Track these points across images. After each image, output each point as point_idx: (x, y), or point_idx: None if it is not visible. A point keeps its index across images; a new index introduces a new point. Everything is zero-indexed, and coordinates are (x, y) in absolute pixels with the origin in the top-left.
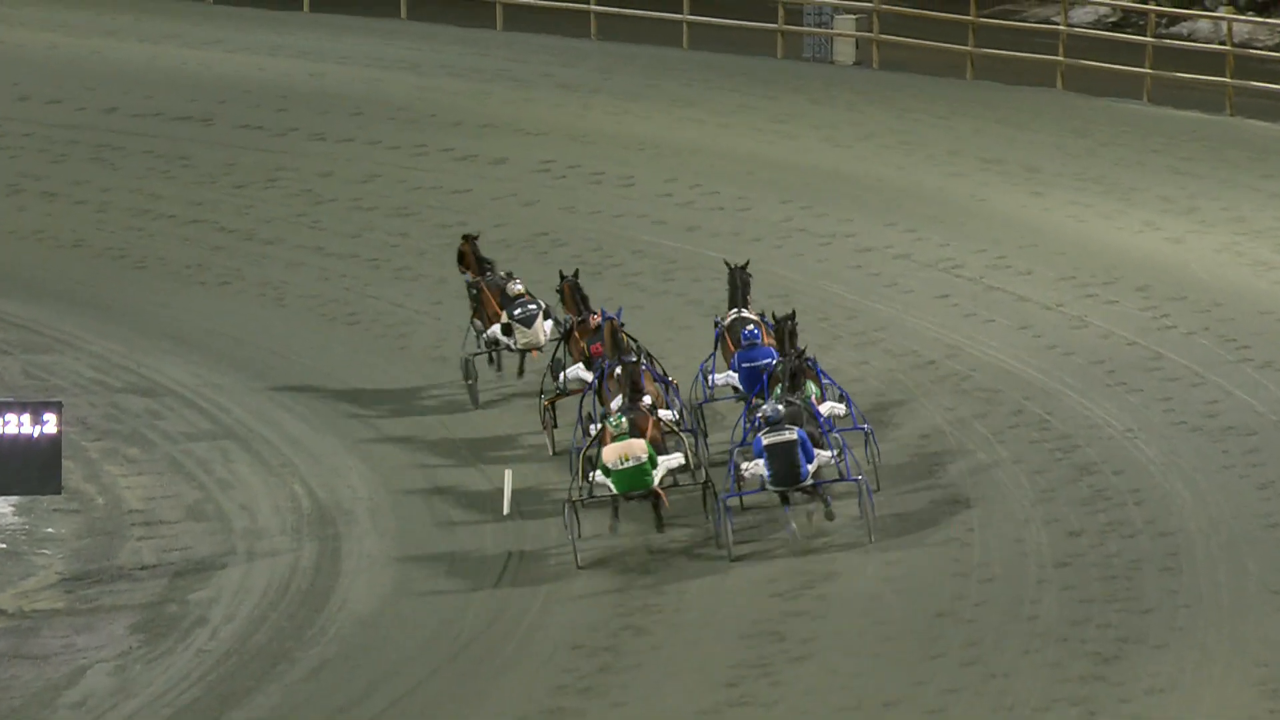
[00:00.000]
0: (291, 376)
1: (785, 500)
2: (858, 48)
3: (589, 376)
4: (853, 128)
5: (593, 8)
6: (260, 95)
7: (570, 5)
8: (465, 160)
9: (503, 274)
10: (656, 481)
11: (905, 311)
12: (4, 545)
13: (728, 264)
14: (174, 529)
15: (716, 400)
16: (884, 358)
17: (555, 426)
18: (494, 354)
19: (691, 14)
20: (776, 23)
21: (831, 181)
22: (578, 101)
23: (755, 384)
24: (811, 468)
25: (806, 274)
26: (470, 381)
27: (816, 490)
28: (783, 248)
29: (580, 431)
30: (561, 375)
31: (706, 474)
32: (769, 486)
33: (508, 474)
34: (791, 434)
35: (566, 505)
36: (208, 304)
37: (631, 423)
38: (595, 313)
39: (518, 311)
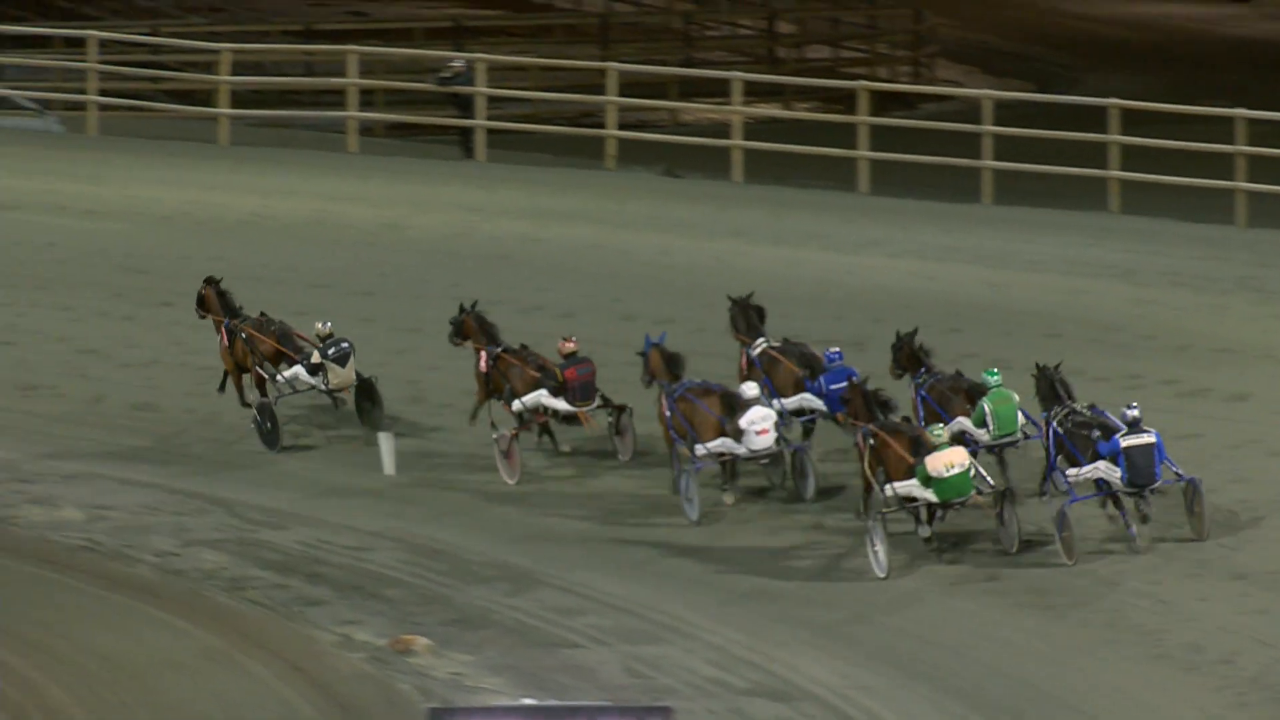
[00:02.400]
0: (972, 673)
1: (1118, 503)
2: None
3: (557, 403)
4: None
5: None
6: (927, 311)
7: None
8: (1193, 396)
9: (260, 315)
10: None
11: None
12: None
13: (731, 299)
14: None
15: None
16: None
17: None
18: (277, 395)
19: None
20: None
21: None
22: None
23: (841, 404)
24: (1161, 468)
25: None
26: (269, 426)
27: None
28: None
29: (680, 456)
30: (518, 404)
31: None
32: (1123, 489)
33: None
34: (1151, 437)
35: (873, 519)
36: (864, 585)
37: (893, 432)
38: (498, 343)
39: (331, 351)
